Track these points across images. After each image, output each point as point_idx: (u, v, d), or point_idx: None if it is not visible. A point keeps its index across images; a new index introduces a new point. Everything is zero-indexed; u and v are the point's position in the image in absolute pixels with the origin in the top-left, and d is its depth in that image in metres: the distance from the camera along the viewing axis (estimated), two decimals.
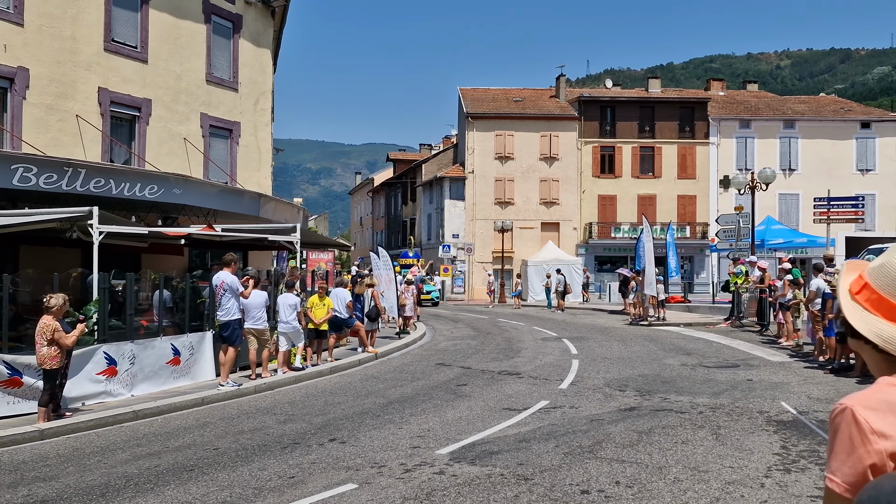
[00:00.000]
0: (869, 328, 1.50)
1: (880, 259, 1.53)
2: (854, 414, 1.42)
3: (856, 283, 1.56)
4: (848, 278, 1.60)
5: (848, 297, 1.56)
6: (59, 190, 11.79)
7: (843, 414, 1.44)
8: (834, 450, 1.44)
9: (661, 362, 13.80)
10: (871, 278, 1.54)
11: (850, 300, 1.55)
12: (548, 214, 43.24)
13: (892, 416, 1.40)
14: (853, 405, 1.43)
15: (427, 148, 65.80)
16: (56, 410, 8.85)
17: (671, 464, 6.70)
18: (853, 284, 1.57)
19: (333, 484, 6.19)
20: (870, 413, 1.41)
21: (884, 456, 1.37)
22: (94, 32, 15.92)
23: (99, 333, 10.23)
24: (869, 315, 1.51)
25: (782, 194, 41.62)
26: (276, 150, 29.85)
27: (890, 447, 1.37)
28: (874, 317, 1.50)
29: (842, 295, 1.58)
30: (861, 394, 1.46)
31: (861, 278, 1.56)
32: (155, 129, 17.36)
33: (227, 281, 11.28)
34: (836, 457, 1.43)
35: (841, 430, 1.43)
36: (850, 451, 1.41)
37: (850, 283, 1.58)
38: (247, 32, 20.18)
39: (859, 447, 1.39)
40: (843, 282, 1.60)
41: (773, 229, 30.31)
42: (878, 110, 50.06)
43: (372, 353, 15.13)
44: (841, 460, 1.42)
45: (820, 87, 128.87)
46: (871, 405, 1.42)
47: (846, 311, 1.55)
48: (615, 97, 45.29)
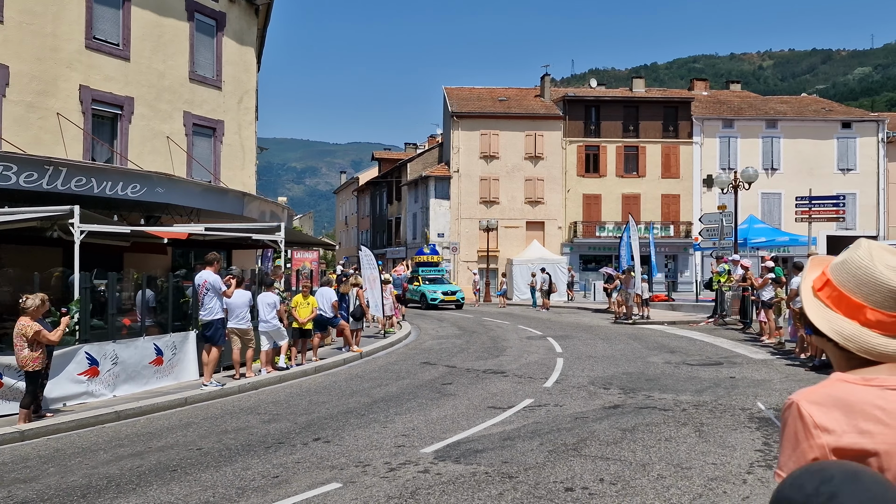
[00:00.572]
0: (830, 326, 1.49)
1: (843, 255, 1.52)
2: (799, 408, 1.41)
3: (818, 279, 1.55)
4: (812, 275, 1.58)
5: (810, 294, 1.55)
6: (39, 189, 11.66)
7: (790, 409, 1.43)
8: (782, 444, 1.44)
9: (645, 360, 13.88)
10: (833, 275, 1.52)
11: (811, 297, 1.54)
12: (533, 214, 43.33)
13: (838, 411, 1.39)
14: (799, 400, 1.43)
15: (412, 147, 65.74)
16: (37, 411, 8.76)
17: (654, 461, 6.74)
18: (816, 281, 1.55)
19: (318, 483, 6.17)
20: (814, 408, 1.40)
21: (826, 450, 1.36)
22: (76, 29, 15.76)
23: (80, 333, 10.13)
24: (830, 312, 1.50)
25: (765, 193, 41.97)
26: (261, 148, 29.74)
27: (832, 441, 1.36)
28: (835, 314, 1.49)
29: (804, 292, 1.57)
30: (809, 389, 1.46)
31: (824, 275, 1.54)
32: (137, 127, 17.21)
33: (210, 280, 11.21)
34: (784, 451, 1.43)
35: (788, 424, 1.43)
36: (794, 446, 1.40)
37: (813, 280, 1.56)
38: (230, 30, 20.06)
39: (803, 441, 1.39)
40: (807, 278, 1.58)
41: (756, 228, 30.58)
42: (858, 110, 50.59)
43: (357, 352, 15.10)
44: (787, 455, 1.41)
45: (802, 88, 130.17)
46: (817, 400, 1.42)
47: (807, 309, 1.53)
48: (600, 97, 45.46)
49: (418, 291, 32.27)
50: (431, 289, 31.87)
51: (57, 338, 8.79)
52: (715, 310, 22.32)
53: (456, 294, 31.98)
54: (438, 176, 44.05)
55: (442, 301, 30.99)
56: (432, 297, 31.22)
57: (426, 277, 33.58)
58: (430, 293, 31.46)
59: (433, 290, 31.62)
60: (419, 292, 32.08)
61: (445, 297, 31.24)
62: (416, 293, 32.38)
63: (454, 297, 31.66)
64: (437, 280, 33.61)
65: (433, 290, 31.62)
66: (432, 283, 32.97)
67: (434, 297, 31.12)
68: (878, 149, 43.63)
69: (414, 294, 32.45)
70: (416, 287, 32.66)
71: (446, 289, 32.19)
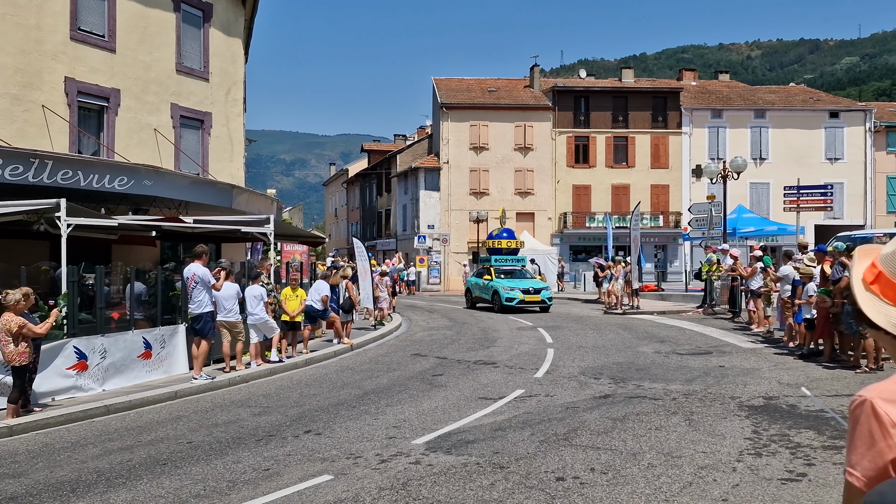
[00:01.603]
0: (887, 319, 1.44)
1: (893, 245, 1.47)
2: (874, 406, 1.37)
3: (869, 271, 1.49)
4: (861, 266, 1.52)
5: (862, 287, 1.49)
6: (25, 182, 11.55)
7: (862, 406, 1.39)
8: (853, 443, 1.39)
9: (635, 350, 13.93)
10: (884, 266, 1.47)
11: (864, 290, 1.48)
12: (522, 205, 43.35)
13: None
14: (873, 397, 1.38)
15: (402, 138, 65.61)
16: (25, 406, 8.70)
17: (645, 450, 6.77)
18: (867, 273, 1.49)
19: (309, 475, 6.16)
20: (890, 406, 1.36)
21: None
22: (60, 21, 15.58)
23: (68, 327, 10.06)
24: (885, 305, 1.45)
25: (753, 183, 42.14)
26: (249, 140, 29.59)
27: None
28: (891, 307, 1.44)
29: (855, 285, 1.50)
30: (881, 385, 1.41)
31: (874, 266, 1.49)
32: (124, 119, 17.07)
33: (199, 273, 11.15)
34: (856, 450, 1.38)
35: (861, 422, 1.38)
36: (870, 445, 1.36)
37: (863, 272, 1.50)
38: (217, 21, 19.89)
39: (879, 441, 1.35)
40: (856, 270, 1.52)
41: (745, 217, 30.72)
42: (846, 100, 50.87)
43: (347, 344, 15.08)
44: (860, 454, 1.37)
45: (790, 78, 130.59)
46: (892, 397, 1.37)
47: (861, 302, 1.47)
48: (589, 87, 45.46)
49: (489, 288, 24.86)
50: (507, 285, 24.26)
51: (44, 331, 8.72)
52: (704, 299, 22.42)
53: (541, 292, 24.08)
54: (428, 167, 43.98)
55: (521, 302, 23.55)
56: (508, 295, 23.72)
57: (500, 270, 26.00)
58: (505, 291, 23.94)
59: (510, 288, 24.03)
60: (490, 289, 24.78)
61: (528, 297, 23.67)
62: (486, 290, 25.15)
63: (538, 297, 23.82)
64: (515, 273, 25.92)
65: (510, 288, 24.03)
66: (509, 276, 25.39)
67: (511, 297, 23.65)
68: (865, 138, 43.88)
69: (483, 291, 25.39)
70: (487, 283, 25.16)
71: (527, 285, 24.34)
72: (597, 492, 5.60)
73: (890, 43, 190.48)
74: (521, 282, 24.71)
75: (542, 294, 23.99)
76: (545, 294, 24.11)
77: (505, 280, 24.81)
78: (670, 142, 43.82)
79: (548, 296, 24.23)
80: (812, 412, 8.28)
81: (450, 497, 5.53)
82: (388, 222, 53.08)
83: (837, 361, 11.80)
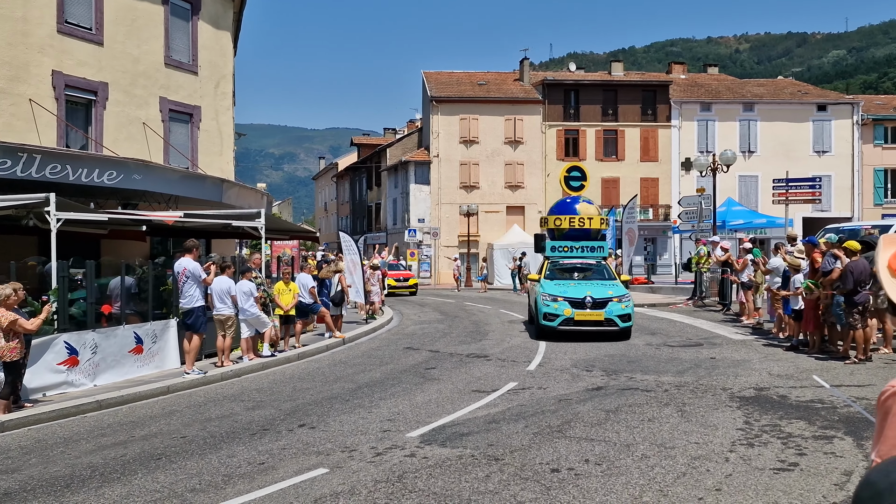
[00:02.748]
0: None
1: None
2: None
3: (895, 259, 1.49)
4: (886, 254, 1.52)
5: (888, 274, 1.49)
6: (13, 176, 11.45)
7: (894, 397, 1.37)
8: (884, 433, 1.36)
9: (627, 342, 13.99)
10: None
11: (891, 277, 1.49)
12: (513, 198, 43.40)
13: None
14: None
15: (391, 132, 65.41)
16: (16, 402, 8.65)
17: (638, 441, 6.81)
18: (893, 261, 1.50)
19: (304, 469, 6.16)
20: None
21: None
22: (47, 13, 15.42)
23: (59, 323, 10.00)
24: None
25: (742, 176, 42.34)
26: (238, 134, 29.45)
27: None
28: None
29: (882, 272, 1.50)
30: None
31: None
32: (112, 113, 16.94)
33: (190, 268, 11.10)
34: (887, 440, 1.36)
35: (893, 413, 1.35)
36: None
37: (888, 259, 1.51)
38: (206, 14, 19.75)
39: None
40: (882, 258, 1.52)
41: (734, 210, 30.89)
42: (833, 93, 51.16)
43: (339, 338, 15.07)
44: (892, 444, 1.34)
45: (778, 71, 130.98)
46: None
47: (889, 289, 1.47)
48: (579, 80, 45.52)
49: (547, 294, 14.78)
50: (554, 291, 14.76)
51: (35, 326, 8.66)
52: (694, 291, 22.54)
53: (607, 305, 14.28)
54: (418, 161, 43.92)
55: (569, 322, 14.23)
56: (548, 310, 14.43)
57: (558, 266, 16.50)
58: (545, 301, 14.60)
59: (553, 297, 14.58)
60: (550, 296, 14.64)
61: (581, 314, 14.17)
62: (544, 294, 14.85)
63: (599, 314, 14.17)
64: (580, 272, 16.26)
65: (553, 297, 14.58)
66: (569, 275, 15.99)
67: (551, 313, 14.36)
68: (852, 131, 44.17)
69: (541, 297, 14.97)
70: (544, 285, 15.25)
71: (584, 291, 14.52)
72: (591, 483, 5.63)
73: (877, 36, 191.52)
74: (579, 286, 14.83)
75: (610, 309, 13.98)
76: (615, 309, 14.00)
77: (555, 283, 15.15)
78: (660, 135, 43.95)
79: (621, 312, 14.03)
80: (803, 403, 8.35)
81: (445, 489, 5.55)
82: (378, 216, 53.00)
83: (827, 353, 11.90)
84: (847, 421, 7.43)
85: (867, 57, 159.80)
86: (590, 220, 17.16)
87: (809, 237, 13.33)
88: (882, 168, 44.30)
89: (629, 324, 14.33)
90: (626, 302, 14.40)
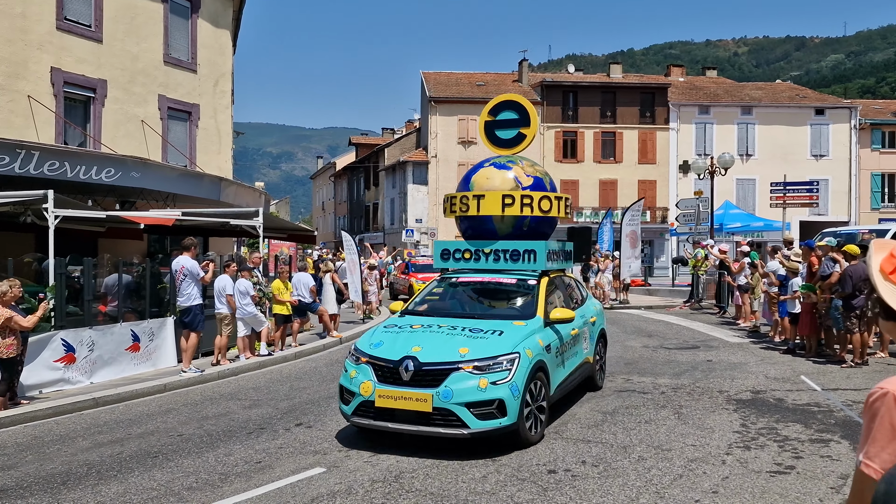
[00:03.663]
0: None
1: None
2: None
3: (888, 262, 1.50)
4: (878, 258, 1.53)
5: (882, 278, 1.50)
6: (11, 173, 11.43)
7: (883, 399, 1.38)
8: (872, 435, 1.37)
9: (624, 344, 14.01)
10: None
11: (884, 281, 1.49)
12: None
13: None
14: (894, 390, 1.37)
15: (390, 132, 65.41)
16: (12, 399, 8.63)
17: (635, 443, 6.82)
18: (885, 264, 1.50)
19: (301, 468, 6.16)
20: None
21: None
22: (46, 10, 15.40)
23: (56, 320, 9.98)
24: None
25: (739, 179, 42.43)
26: (237, 133, 29.41)
27: None
28: None
29: (875, 277, 1.51)
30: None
31: (893, 257, 1.50)
32: (111, 110, 16.91)
33: (187, 266, 11.08)
34: (875, 441, 1.36)
35: (881, 414, 1.36)
36: (891, 437, 1.35)
37: (880, 263, 1.51)
38: (205, 12, 19.73)
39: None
40: (874, 261, 1.54)
41: (732, 213, 30.94)
42: (831, 97, 51.25)
43: (336, 337, 15.06)
44: (880, 446, 1.35)
45: (776, 74, 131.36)
46: None
47: (882, 292, 1.48)
48: (577, 82, 45.56)
49: (354, 351, 7.22)
50: (383, 343, 7.10)
51: (31, 324, 8.64)
52: (691, 294, 22.57)
53: (475, 384, 6.46)
54: (416, 161, 43.94)
55: (381, 415, 6.64)
56: (347, 383, 6.93)
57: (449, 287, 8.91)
58: (352, 366, 7.03)
59: (385, 348, 7.00)
60: (355, 354, 7.14)
61: (400, 398, 6.54)
62: (351, 352, 7.27)
63: (425, 398, 6.45)
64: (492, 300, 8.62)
65: (385, 348, 7.00)
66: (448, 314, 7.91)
67: (349, 390, 6.88)
68: (850, 135, 44.27)
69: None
70: (372, 333, 7.51)
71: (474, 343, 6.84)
72: (588, 484, 5.64)
73: (875, 41, 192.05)
74: (426, 335, 7.15)
75: (448, 390, 6.44)
76: (463, 390, 6.43)
77: (397, 327, 7.54)
78: (658, 137, 44.01)
79: (478, 396, 6.40)
80: (799, 406, 8.37)
81: (442, 489, 5.55)
82: (375, 216, 52.99)
83: (823, 356, 11.93)
84: (843, 424, 7.44)
85: (865, 61, 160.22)
86: (506, 202, 8.66)
87: (807, 241, 13.36)
88: (879, 172, 44.42)
89: (504, 423, 6.45)
90: (503, 373, 6.52)
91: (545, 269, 8.62)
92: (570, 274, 10.22)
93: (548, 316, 7.62)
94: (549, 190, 9.14)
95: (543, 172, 9.37)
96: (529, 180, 8.98)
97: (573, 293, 9.39)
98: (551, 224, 9.43)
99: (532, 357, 6.86)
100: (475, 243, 9.02)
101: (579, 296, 9.59)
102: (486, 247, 8.90)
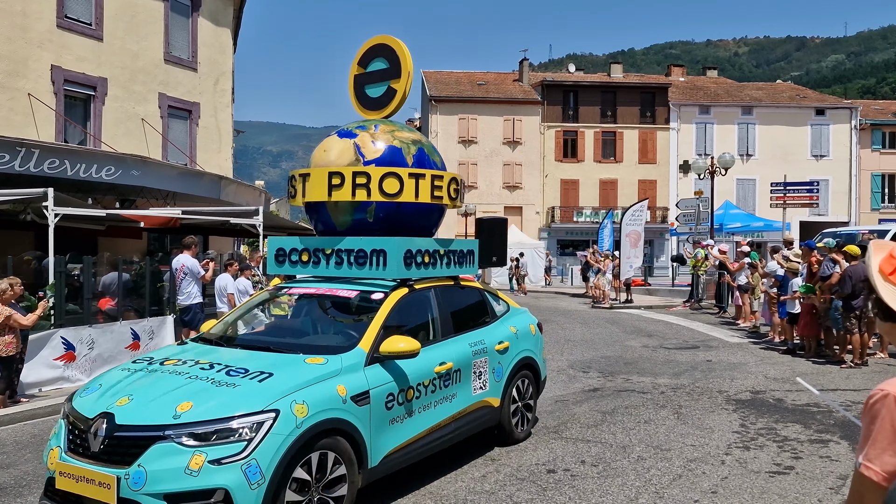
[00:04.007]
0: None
1: None
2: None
3: (887, 262, 1.50)
4: (877, 258, 1.53)
5: (881, 279, 1.50)
6: (11, 171, 11.43)
7: (884, 400, 1.37)
8: (873, 437, 1.36)
9: (623, 344, 14.01)
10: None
11: (884, 282, 1.49)
12: (511, 199, 43.42)
13: None
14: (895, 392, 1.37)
15: None
16: (12, 397, 8.63)
17: (635, 443, 6.82)
18: (884, 265, 1.50)
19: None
20: None
21: None
22: (46, 8, 15.40)
23: (56, 318, 9.98)
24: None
25: (740, 179, 42.44)
26: (237, 131, 29.40)
27: None
28: None
29: (875, 277, 1.51)
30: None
31: (892, 258, 1.50)
32: (111, 109, 16.92)
33: (188, 264, 11.08)
34: (875, 444, 1.35)
35: (882, 416, 1.36)
36: (892, 440, 1.34)
37: (879, 263, 1.51)
38: (206, 11, 19.74)
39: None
40: (873, 262, 1.54)
41: (732, 213, 30.97)
42: (831, 97, 51.25)
43: None
44: (881, 448, 1.34)
45: (776, 75, 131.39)
46: None
47: (882, 293, 1.47)
48: (578, 82, 45.56)
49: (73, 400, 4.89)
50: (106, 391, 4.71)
51: (30, 322, 8.63)
52: (691, 294, 22.57)
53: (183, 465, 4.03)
54: None
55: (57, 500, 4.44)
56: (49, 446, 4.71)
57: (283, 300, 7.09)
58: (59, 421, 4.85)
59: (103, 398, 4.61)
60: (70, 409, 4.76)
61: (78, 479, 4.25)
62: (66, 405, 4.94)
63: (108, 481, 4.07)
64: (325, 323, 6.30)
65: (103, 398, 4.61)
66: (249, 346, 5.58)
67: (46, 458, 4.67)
68: (850, 136, 44.28)
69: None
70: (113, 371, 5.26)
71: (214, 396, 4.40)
72: (587, 484, 5.64)
73: (875, 41, 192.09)
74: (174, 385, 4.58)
75: (138, 472, 4.00)
76: (166, 472, 3.99)
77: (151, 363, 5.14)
78: (658, 137, 44.02)
79: (185, 484, 3.96)
80: (798, 406, 8.37)
81: (441, 488, 5.55)
82: None
83: (823, 357, 11.93)
84: (842, 425, 7.44)
85: (866, 61, 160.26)
86: (333, 183, 6.20)
87: (807, 241, 13.36)
88: (879, 173, 44.43)
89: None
90: (235, 445, 4.14)
91: (404, 278, 5.94)
92: (479, 283, 7.77)
93: (376, 349, 5.21)
94: (412, 165, 6.27)
95: (411, 141, 6.43)
96: (377, 151, 6.20)
97: (472, 310, 6.77)
98: (426, 214, 6.50)
99: (305, 417, 4.40)
100: (314, 241, 6.33)
101: (489, 311, 6.96)
102: (328, 246, 6.17)
